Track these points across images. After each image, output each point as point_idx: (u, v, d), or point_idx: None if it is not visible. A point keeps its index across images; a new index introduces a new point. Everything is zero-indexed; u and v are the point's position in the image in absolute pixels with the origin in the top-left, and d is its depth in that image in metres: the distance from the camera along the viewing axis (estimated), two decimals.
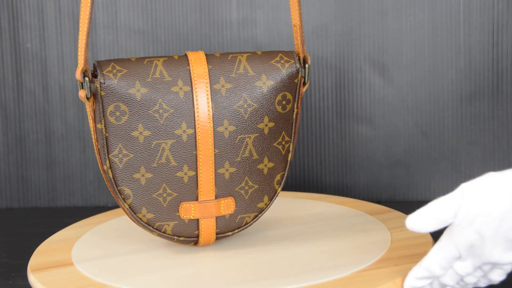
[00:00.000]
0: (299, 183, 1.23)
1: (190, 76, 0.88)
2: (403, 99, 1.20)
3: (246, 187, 0.91)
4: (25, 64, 1.23)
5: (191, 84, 0.88)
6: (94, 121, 0.87)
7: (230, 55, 0.90)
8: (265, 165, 0.92)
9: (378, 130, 1.21)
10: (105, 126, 0.86)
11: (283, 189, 1.22)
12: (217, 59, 0.89)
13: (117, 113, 0.86)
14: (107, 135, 0.86)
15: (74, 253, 0.93)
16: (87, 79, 0.85)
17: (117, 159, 0.87)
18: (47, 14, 1.22)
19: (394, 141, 1.21)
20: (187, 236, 0.91)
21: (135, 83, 0.86)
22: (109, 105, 0.86)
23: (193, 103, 0.87)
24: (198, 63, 0.88)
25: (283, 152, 0.92)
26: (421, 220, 0.76)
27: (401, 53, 1.19)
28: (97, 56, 1.22)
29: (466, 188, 0.76)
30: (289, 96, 0.91)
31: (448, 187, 1.20)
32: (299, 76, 0.91)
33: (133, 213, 0.89)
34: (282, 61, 0.91)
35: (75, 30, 1.22)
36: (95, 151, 0.88)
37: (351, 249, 0.91)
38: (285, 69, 0.91)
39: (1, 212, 1.24)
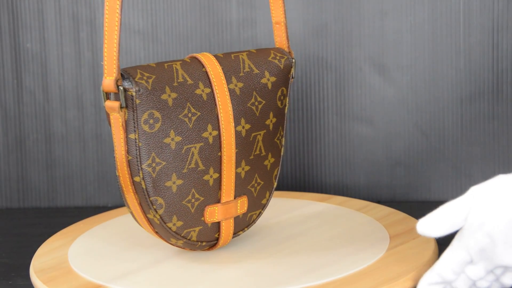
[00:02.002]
0: (299, 183, 1.23)
1: (209, 77, 0.87)
2: (403, 99, 1.20)
3: (255, 184, 0.92)
4: (25, 64, 1.23)
5: (211, 86, 0.87)
6: (126, 132, 0.83)
7: (232, 55, 0.90)
8: (269, 161, 0.92)
9: (378, 130, 1.21)
10: (138, 135, 0.83)
11: (283, 189, 1.22)
12: (224, 60, 0.90)
13: (151, 121, 0.83)
14: (140, 144, 0.83)
15: (92, 270, 0.89)
16: (121, 88, 0.82)
17: (151, 168, 0.84)
18: (47, 14, 1.22)
19: (394, 141, 1.21)
20: (208, 241, 0.90)
21: (165, 88, 0.84)
22: (143, 113, 0.83)
23: (216, 104, 0.87)
24: (211, 65, 0.88)
25: (280, 147, 0.93)
26: (432, 225, 0.76)
27: (401, 53, 1.19)
28: (96, 56, 1.22)
29: (476, 191, 0.76)
30: (285, 91, 0.93)
31: (448, 187, 1.20)
32: (292, 71, 0.93)
33: (163, 223, 0.86)
34: (278, 57, 0.92)
35: (75, 30, 1.22)
36: (121, 165, 0.84)
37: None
38: (282, 65, 0.93)
39: (1, 212, 1.24)
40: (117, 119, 0.83)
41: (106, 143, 1.23)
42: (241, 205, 0.91)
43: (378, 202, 1.21)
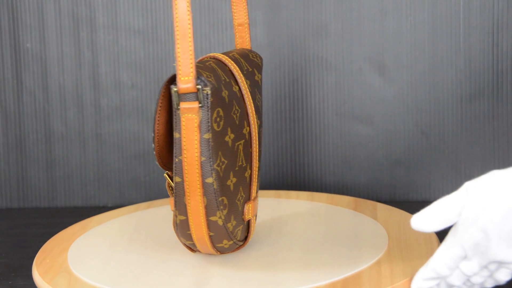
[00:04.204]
0: (299, 182, 1.23)
1: (234, 76, 0.87)
2: (403, 99, 1.20)
3: (258, 181, 0.92)
4: (25, 64, 1.23)
5: (238, 83, 0.87)
6: (200, 132, 0.80)
7: (230, 54, 0.90)
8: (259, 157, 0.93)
9: (378, 130, 1.21)
10: (211, 135, 0.81)
11: (283, 188, 1.22)
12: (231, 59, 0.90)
13: (218, 119, 0.81)
14: (212, 144, 0.81)
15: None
16: (199, 87, 0.79)
17: (219, 168, 0.82)
18: (47, 14, 1.22)
19: (394, 141, 1.21)
20: (243, 240, 0.90)
21: (221, 86, 0.83)
22: (213, 111, 0.81)
23: (244, 101, 0.86)
24: (231, 64, 0.88)
25: None
26: (426, 220, 0.77)
27: (401, 53, 1.19)
28: (96, 56, 1.22)
29: (470, 187, 0.76)
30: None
31: (448, 187, 1.20)
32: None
33: (225, 223, 0.84)
34: (254, 56, 0.93)
35: (75, 30, 1.22)
36: (191, 168, 0.81)
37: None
38: (261, 63, 0.93)
39: (1, 212, 1.24)
40: (191, 120, 0.80)
41: (106, 143, 1.24)
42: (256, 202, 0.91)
43: (378, 201, 1.20)
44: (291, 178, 1.23)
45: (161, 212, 1.07)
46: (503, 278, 0.77)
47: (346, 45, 1.20)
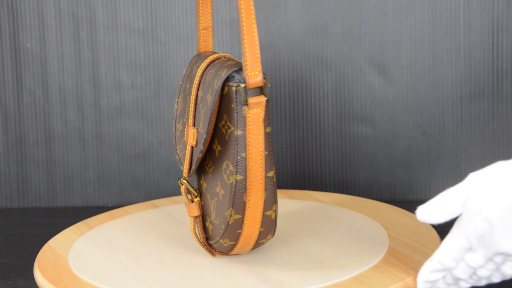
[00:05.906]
0: (299, 182, 1.23)
1: None
2: (403, 99, 1.20)
3: None
4: (25, 64, 1.23)
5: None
6: (264, 126, 0.80)
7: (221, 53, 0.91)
8: None
9: (378, 130, 1.21)
10: (271, 128, 0.81)
11: (283, 188, 1.22)
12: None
13: (270, 112, 0.81)
14: (271, 137, 0.81)
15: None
16: (265, 81, 0.79)
17: (273, 160, 0.82)
18: (47, 14, 1.22)
19: (394, 141, 1.21)
20: None
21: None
22: (269, 104, 0.81)
23: None
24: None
25: None
26: (431, 211, 0.77)
27: (401, 53, 1.19)
28: (96, 56, 1.22)
29: (474, 177, 0.76)
30: None
31: (448, 187, 1.20)
32: None
33: (276, 216, 0.84)
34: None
35: (75, 30, 1.22)
36: (256, 163, 0.80)
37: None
38: None
39: (1, 212, 1.24)
40: (257, 115, 0.79)
41: (106, 143, 1.24)
42: None
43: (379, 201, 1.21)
44: (291, 177, 1.23)
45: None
46: (509, 271, 0.77)
47: (346, 45, 1.20)
